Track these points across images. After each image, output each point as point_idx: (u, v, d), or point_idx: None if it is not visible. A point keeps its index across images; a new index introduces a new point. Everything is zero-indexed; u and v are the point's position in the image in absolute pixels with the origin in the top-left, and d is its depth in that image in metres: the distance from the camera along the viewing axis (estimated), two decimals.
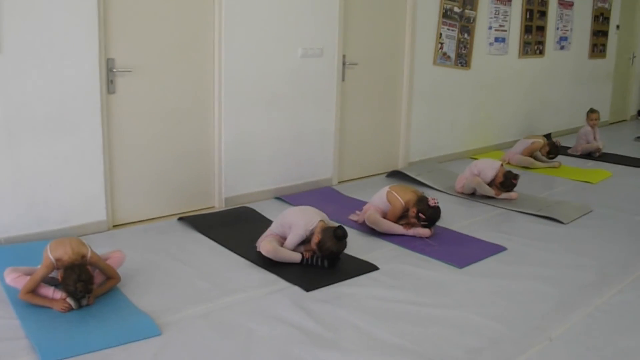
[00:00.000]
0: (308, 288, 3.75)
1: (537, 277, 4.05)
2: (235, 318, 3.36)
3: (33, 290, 3.34)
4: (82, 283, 3.25)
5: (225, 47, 5.14)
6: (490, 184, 5.81)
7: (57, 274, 3.36)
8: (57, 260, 3.32)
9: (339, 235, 3.97)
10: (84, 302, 3.33)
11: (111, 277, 3.55)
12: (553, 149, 7.40)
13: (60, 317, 3.24)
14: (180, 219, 4.96)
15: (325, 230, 4.01)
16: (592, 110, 8.24)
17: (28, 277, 3.36)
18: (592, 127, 8.16)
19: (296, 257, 4.06)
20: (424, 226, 4.71)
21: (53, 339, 3.02)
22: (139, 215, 4.96)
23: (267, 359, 2.98)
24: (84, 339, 3.04)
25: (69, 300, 3.29)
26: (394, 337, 3.21)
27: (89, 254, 3.42)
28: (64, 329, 3.13)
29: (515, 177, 5.77)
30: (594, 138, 8.13)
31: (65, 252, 3.34)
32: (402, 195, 4.80)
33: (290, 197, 5.61)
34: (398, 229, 4.72)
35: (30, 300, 3.33)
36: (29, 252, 3.95)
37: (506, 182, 5.76)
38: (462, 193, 5.95)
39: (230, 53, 5.18)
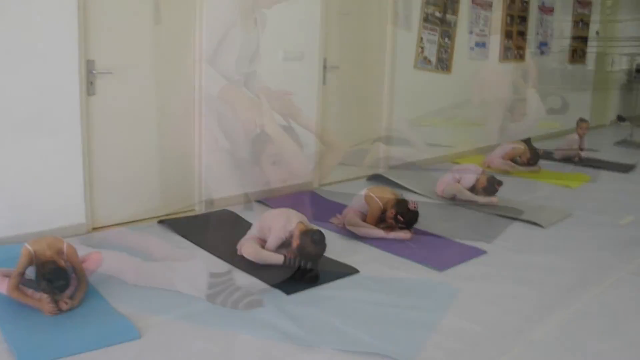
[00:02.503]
0: (289, 291, 3.73)
1: (516, 280, 4.07)
2: (215, 321, 3.35)
3: (18, 287, 3.31)
4: (46, 282, 3.20)
5: (206, 48, 5.12)
6: (472, 188, 5.84)
7: (34, 274, 3.31)
8: (35, 252, 3.29)
9: (316, 240, 3.97)
10: (63, 306, 3.29)
11: (80, 280, 3.45)
12: (534, 157, 7.43)
13: (39, 320, 3.20)
14: (160, 222, 4.93)
15: (304, 234, 4.00)
16: (582, 120, 8.31)
17: (6, 279, 3.32)
18: (581, 136, 8.22)
19: (278, 258, 4.04)
20: (401, 228, 4.73)
21: (31, 343, 2.99)
22: (118, 218, 4.91)
23: None
24: (63, 342, 3.01)
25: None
26: (375, 339, 3.20)
27: (65, 247, 3.39)
28: (43, 332, 3.09)
29: (499, 182, 5.80)
30: (579, 147, 8.17)
31: (41, 248, 3.31)
32: (380, 197, 4.82)
33: (271, 201, 5.59)
34: (378, 232, 4.73)
35: (19, 298, 3.30)
36: (6, 255, 3.89)
37: (489, 187, 5.79)
38: (443, 197, 5.97)
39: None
